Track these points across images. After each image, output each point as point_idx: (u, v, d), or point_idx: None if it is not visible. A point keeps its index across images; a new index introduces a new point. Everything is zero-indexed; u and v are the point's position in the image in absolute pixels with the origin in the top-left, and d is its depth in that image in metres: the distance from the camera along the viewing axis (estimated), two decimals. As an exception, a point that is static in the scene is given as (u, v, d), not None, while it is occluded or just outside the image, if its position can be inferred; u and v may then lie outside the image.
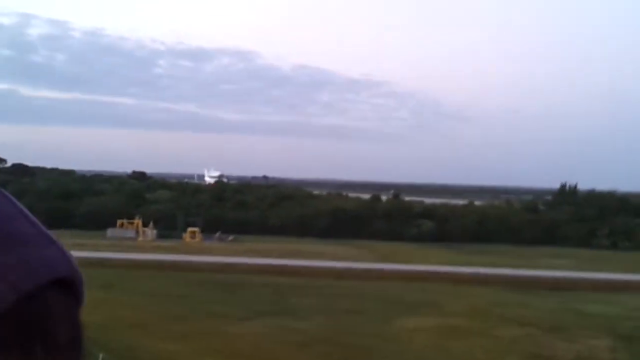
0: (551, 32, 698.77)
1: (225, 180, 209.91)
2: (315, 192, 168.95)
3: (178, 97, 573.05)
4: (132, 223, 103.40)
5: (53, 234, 1.23)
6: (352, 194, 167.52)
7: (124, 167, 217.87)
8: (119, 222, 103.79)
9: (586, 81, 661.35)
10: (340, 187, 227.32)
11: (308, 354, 36.83)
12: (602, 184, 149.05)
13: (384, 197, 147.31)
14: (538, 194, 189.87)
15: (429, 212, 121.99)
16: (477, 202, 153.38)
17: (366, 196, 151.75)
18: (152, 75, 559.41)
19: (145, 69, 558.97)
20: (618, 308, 55.96)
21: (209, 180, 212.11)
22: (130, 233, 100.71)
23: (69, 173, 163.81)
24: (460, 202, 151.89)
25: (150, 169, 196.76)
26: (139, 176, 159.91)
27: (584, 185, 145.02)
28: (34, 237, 1.19)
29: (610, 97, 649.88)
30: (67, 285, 1.22)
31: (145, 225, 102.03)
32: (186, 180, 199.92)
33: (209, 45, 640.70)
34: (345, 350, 38.07)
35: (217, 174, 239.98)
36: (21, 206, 1.25)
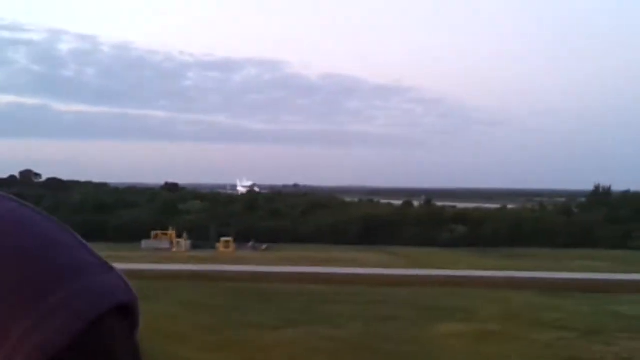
0: (581, 32, 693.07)
1: (257, 189, 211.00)
2: (347, 199, 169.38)
3: (207, 108, 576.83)
4: (166, 234, 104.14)
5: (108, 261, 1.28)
6: (383, 201, 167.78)
7: (157, 179, 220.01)
8: (153, 233, 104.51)
9: (618, 80, 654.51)
10: (371, 194, 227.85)
11: (343, 361, 36.99)
12: (637, 185, 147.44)
13: (415, 203, 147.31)
14: (571, 196, 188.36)
15: (461, 217, 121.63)
16: (509, 206, 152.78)
17: (398, 202, 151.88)
18: (181, 88, 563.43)
19: (175, 81, 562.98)
20: (655, 309, 55.46)
21: (241, 190, 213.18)
22: (165, 244, 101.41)
23: (103, 186, 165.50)
24: (493, 206, 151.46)
25: (182, 180, 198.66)
26: (171, 187, 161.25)
27: (618, 186, 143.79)
28: (94, 265, 1.25)
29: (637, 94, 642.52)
30: (127, 310, 1.29)
31: (179, 236, 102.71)
32: (219, 190, 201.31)
33: (236, 55, 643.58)
34: (381, 356, 38.15)
35: (249, 183, 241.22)
36: (80, 237, 1.30)
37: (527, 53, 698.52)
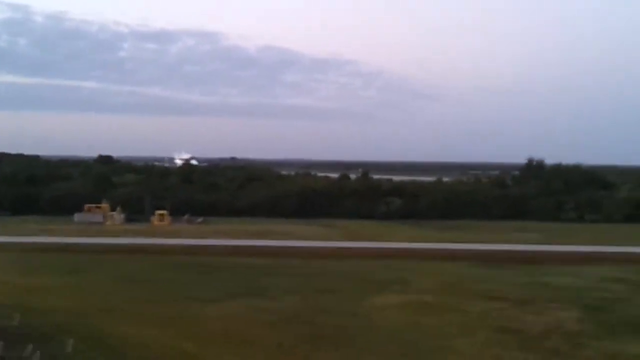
0: (517, 10, 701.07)
1: (195, 162, 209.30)
2: (284, 172, 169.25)
3: (143, 80, 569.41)
4: (100, 207, 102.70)
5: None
6: (320, 174, 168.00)
7: (90, 151, 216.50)
8: (86, 206, 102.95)
9: (550, 58, 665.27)
10: (308, 167, 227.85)
11: (281, 333, 36.85)
12: (568, 158, 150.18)
13: (352, 176, 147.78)
14: (505, 169, 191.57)
15: (397, 190, 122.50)
16: (445, 179, 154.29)
17: (335, 175, 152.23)
18: (117, 59, 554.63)
19: (109, 52, 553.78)
20: (585, 280, 56.71)
21: (179, 163, 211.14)
22: (98, 217, 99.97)
23: (35, 158, 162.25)
24: (429, 179, 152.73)
25: (116, 152, 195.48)
26: (105, 160, 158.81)
27: (550, 159, 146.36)
28: None
29: (575, 72, 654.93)
30: None
31: (112, 209, 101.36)
32: (156, 163, 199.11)
33: (173, 27, 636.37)
34: (317, 328, 38.15)
35: (187, 156, 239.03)
36: None
37: (466, 30, 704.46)
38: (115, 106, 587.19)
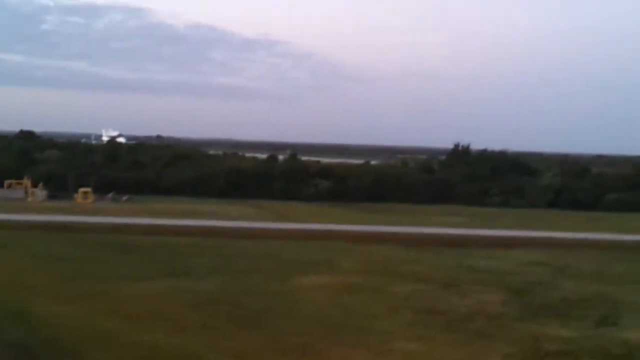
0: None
1: (123, 140, 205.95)
2: (211, 152, 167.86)
3: (68, 55, 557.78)
4: (21, 183, 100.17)
5: None
6: (248, 154, 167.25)
7: (11, 126, 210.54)
8: (6, 182, 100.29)
9: (478, 44, 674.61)
10: (236, 147, 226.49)
11: (203, 314, 36.33)
12: (494, 144, 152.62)
13: (280, 157, 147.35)
14: (433, 153, 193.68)
15: (325, 172, 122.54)
16: (373, 162, 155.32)
17: (263, 156, 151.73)
18: (40, 32, 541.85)
19: (33, 26, 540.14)
20: (509, 263, 57.55)
21: (107, 140, 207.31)
22: (19, 194, 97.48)
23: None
24: (357, 161, 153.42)
25: (40, 128, 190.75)
26: (27, 135, 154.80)
27: (476, 145, 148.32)
28: None
29: (501, 58, 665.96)
30: None
31: (34, 185, 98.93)
32: (84, 140, 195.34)
33: (99, 1, 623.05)
34: (242, 309, 37.73)
35: (115, 133, 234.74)
36: None
37: (395, 14, 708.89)
38: (39, 80, 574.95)
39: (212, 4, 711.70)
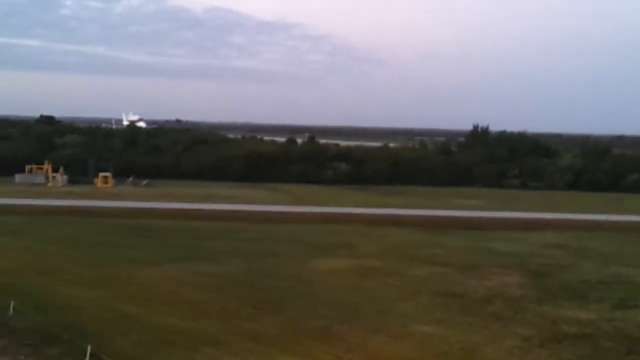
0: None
1: (144, 124, 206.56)
2: (230, 135, 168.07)
3: (87, 39, 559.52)
4: (42, 168, 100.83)
5: None
6: (267, 137, 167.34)
7: (31, 111, 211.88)
8: (27, 167, 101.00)
9: (498, 25, 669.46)
10: (255, 131, 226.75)
11: (223, 297, 36.58)
12: (513, 126, 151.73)
13: (299, 140, 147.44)
14: (451, 135, 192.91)
15: (344, 155, 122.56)
16: (391, 145, 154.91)
17: (281, 139, 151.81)
18: (59, 17, 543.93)
19: (51, 10, 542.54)
20: (527, 246, 57.50)
21: (128, 124, 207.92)
22: (40, 179, 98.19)
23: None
24: (375, 144, 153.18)
25: (59, 113, 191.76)
26: (48, 120, 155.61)
27: (495, 126, 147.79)
28: None
29: (521, 40, 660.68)
30: None
31: (55, 170, 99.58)
32: (104, 125, 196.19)
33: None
34: (261, 292, 37.98)
35: (136, 118, 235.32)
36: None
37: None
38: (58, 65, 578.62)
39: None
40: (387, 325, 32.17)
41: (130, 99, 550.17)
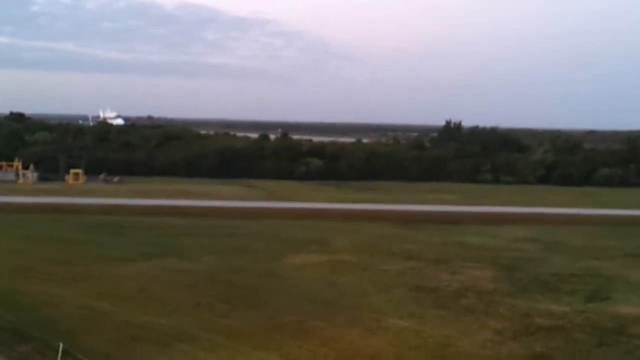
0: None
1: (121, 121, 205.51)
2: (203, 131, 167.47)
3: (57, 36, 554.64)
4: (12, 165, 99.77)
5: None
6: (240, 134, 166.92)
7: (1, 108, 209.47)
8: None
9: (467, 20, 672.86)
10: (228, 127, 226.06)
11: (196, 294, 36.46)
12: (486, 121, 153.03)
13: (272, 136, 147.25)
14: (424, 131, 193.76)
15: (317, 150, 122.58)
16: (364, 140, 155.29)
17: (254, 135, 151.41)
18: (29, 13, 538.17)
19: (21, 6, 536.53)
20: (499, 240, 57.90)
21: (107, 121, 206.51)
22: (10, 176, 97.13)
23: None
24: (348, 140, 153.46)
25: (31, 110, 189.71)
26: (17, 117, 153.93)
27: (468, 122, 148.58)
28: None
29: (491, 35, 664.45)
30: None
31: (25, 167, 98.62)
32: (80, 121, 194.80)
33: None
34: (235, 289, 37.92)
35: (113, 114, 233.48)
36: None
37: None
38: (28, 62, 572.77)
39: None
40: (362, 319, 32.28)
41: (103, 95, 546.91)
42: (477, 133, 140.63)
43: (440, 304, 35.62)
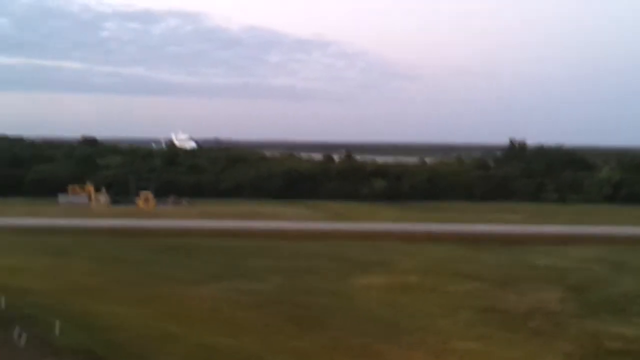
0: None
1: (194, 144, 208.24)
2: (268, 153, 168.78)
3: (126, 61, 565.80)
4: (84, 189, 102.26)
5: None
6: (304, 155, 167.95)
7: (74, 132, 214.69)
8: (70, 188, 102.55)
9: (532, 39, 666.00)
10: (292, 148, 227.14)
11: (264, 314, 37.10)
12: (550, 139, 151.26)
13: (336, 157, 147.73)
14: (488, 150, 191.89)
15: (381, 171, 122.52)
16: (428, 160, 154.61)
17: (318, 156, 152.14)
18: (99, 39, 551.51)
19: (92, 32, 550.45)
20: (567, 260, 57.34)
21: (179, 144, 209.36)
22: (83, 199, 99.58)
23: (18, 140, 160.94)
24: (412, 160, 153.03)
25: (101, 133, 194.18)
26: (89, 142, 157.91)
27: (532, 140, 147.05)
28: None
29: (557, 53, 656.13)
30: None
31: (97, 190, 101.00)
32: (153, 144, 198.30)
33: (156, 6, 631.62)
34: (301, 309, 38.44)
35: (185, 137, 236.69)
36: None
37: (447, 12, 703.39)
38: (98, 86, 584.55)
39: (265, 6, 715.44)
40: (427, 341, 32.48)
41: (170, 118, 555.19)
42: (542, 152, 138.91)
43: (508, 326, 35.58)
